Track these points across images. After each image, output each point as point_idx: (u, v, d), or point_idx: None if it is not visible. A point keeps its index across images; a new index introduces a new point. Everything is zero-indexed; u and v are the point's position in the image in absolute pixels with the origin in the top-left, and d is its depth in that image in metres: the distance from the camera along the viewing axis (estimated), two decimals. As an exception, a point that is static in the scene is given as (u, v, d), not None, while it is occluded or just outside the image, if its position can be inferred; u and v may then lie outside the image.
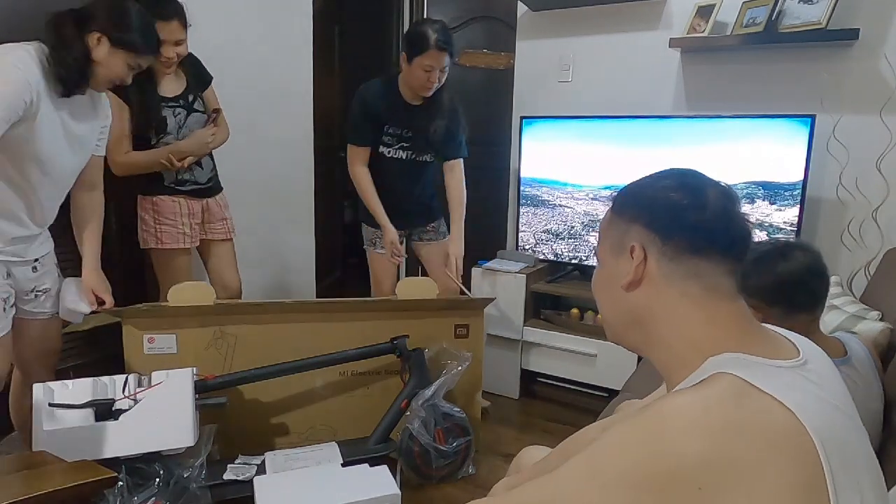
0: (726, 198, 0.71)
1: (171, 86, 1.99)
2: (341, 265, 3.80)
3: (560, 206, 2.58)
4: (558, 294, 2.57)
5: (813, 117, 2.09)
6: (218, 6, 2.46)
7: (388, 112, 2.15)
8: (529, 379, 2.65)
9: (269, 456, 1.76)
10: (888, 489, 0.90)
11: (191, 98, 2.02)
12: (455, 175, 2.32)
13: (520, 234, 2.71)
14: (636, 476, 0.59)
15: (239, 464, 1.76)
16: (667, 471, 0.57)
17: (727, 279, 0.70)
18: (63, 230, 1.71)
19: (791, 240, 1.25)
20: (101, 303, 1.69)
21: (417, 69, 2.04)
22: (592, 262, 2.56)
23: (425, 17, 3.67)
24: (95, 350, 2.23)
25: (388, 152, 2.21)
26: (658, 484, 0.58)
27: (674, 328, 0.71)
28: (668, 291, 0.71)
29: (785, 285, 1.15)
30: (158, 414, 1.57)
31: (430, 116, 2.16)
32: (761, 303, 1.15)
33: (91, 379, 1.58)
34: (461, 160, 2.33)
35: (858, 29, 2.08)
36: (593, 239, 2.53)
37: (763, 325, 0.74)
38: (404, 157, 2.23)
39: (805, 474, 0.57)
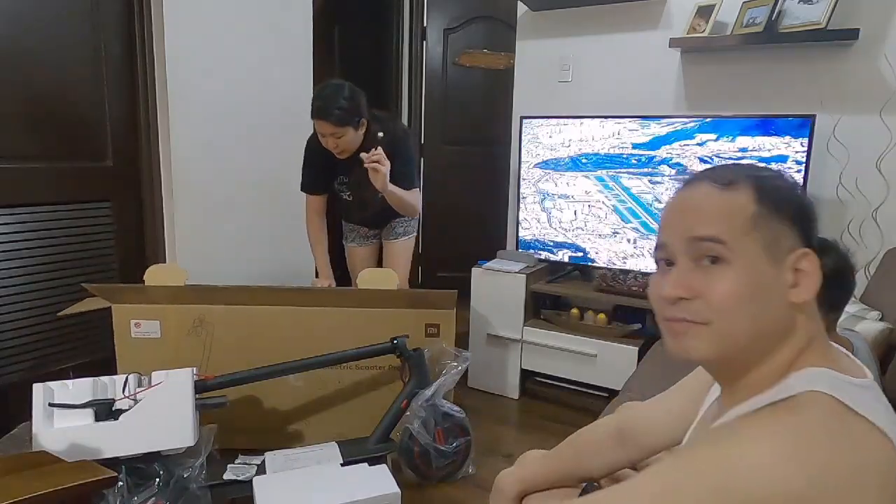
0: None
1: None
2: (341, 264, 3.79)
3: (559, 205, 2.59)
4: (558, 294, 2.57)
5: (813, 117, 2.09)
6: (218, 6, 2.46)
7: (330, 162, 2.13)
8: (529, 379, 2.65)
9: (268, 456, 1.76)
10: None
11: None
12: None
13: (520, 234, 2.71)
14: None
15: (239, 464, 1.76)
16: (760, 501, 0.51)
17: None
18: None
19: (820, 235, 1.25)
20: None
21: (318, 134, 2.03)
22: (592, 261, 2.56)
23: (425, 17, 3.68)
24: (95, 350, 2.23)
25: (343, 195, 2.28)
26: None
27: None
28: None
29: (828, 279, 1.15)
30: (158, 414, 1.56)
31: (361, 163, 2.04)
32: None
33: (91, 379, 1.57)
34: (414, 190, 2.18)
35: (858, 29, 2.08)
36: (592, 239, 2.53)
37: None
38: (354, 199, 2.27)
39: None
